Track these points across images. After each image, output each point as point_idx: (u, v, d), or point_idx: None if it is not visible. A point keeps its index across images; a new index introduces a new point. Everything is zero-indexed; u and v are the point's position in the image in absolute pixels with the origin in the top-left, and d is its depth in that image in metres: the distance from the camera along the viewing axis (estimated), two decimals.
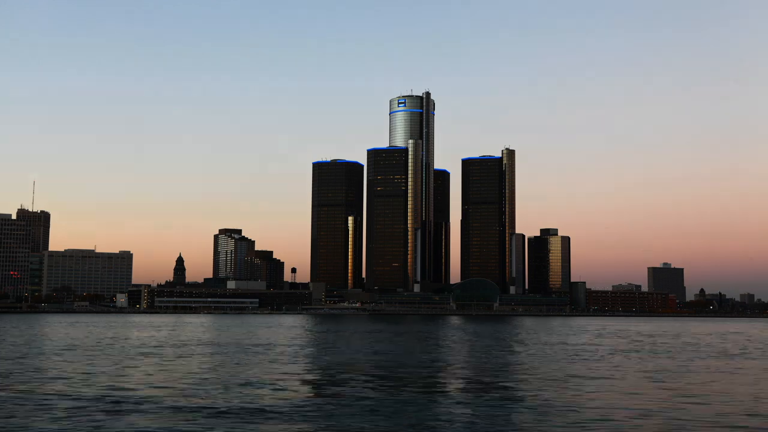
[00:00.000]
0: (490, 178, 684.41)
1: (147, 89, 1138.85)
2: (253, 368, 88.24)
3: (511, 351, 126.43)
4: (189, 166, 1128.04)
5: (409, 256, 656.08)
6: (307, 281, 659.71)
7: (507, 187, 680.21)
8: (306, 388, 69.68)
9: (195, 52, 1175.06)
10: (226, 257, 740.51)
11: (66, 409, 55.51)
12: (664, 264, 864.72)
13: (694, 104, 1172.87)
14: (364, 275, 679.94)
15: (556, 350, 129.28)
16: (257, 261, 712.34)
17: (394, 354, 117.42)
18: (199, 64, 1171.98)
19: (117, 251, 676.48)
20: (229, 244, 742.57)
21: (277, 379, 75.82)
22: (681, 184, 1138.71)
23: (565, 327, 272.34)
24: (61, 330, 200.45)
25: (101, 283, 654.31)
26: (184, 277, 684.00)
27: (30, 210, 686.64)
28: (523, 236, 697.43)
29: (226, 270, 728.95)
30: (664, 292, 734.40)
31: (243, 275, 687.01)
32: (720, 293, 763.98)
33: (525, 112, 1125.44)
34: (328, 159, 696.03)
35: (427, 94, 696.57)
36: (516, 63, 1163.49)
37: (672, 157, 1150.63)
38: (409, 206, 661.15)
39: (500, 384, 74.41)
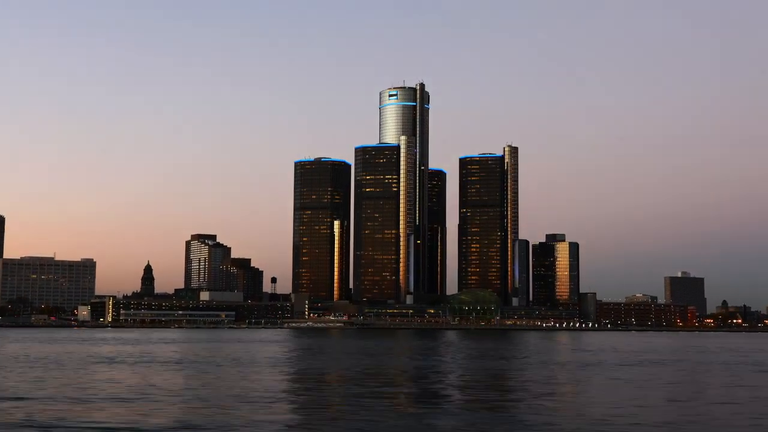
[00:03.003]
0: (491, 178, 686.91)
1: (112, 85, 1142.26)
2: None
3: None
4: (158, 165, 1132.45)
5: (401, 265, 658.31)
6: (288, 292, 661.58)
7: (509, 189, 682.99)
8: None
9: (164, 45, 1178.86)
10: (199, 265, 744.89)
11: None
12: (683, 273, 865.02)
13: (716, 102, 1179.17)
14: (351, 285, 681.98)
15: None
16: (233, 270, 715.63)
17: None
18: (168, 56, 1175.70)
19: (79, 259, 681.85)
20: (202, 251, 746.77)
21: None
22: (701, 186, 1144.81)
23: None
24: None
25: (61, 294, 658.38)
26: (153, 288, 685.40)
27: None
28: (527, 242, 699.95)
29: (199, 280, 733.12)
30: (682, 304, 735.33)
31: (218, 285, 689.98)
32: (744, 305, 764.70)
33: (529, 105, 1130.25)
34: (312, 157, 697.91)
35: (421, 85, 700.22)
36: (520, 51, 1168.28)
37: (692, 158, 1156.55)
38: (401, 209, 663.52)
39: None
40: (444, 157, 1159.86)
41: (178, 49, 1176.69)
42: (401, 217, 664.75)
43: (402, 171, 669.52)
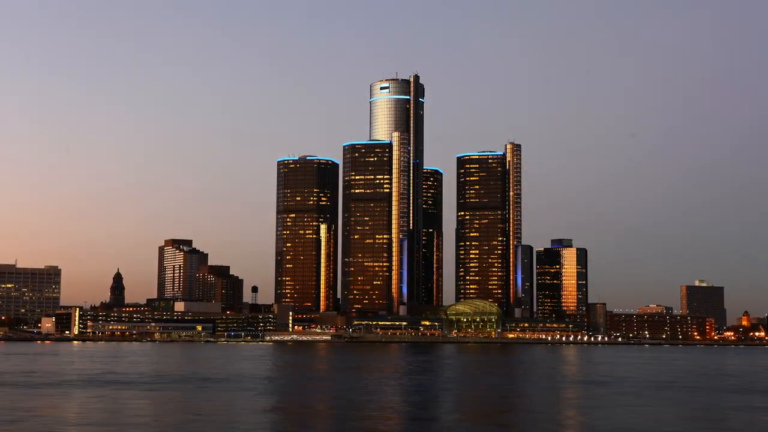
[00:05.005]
0: (491, 178, 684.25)
1: (81, 82, 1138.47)
2: None
3: None
4: (128, 164, 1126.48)
5: (393, 273, 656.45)
6: (270, 302, 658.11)
7: (511, 190, 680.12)
8: None
9: (138, 40, 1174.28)
10: (174, 273, 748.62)
11: None
12: (701, 282, 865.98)
13: (732, 94, 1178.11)
14: (339, 295, 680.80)
15: None
16: (211, 278, 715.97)
17: None
18: (143, 50, 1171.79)
19: (42, 266, 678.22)
20: (176, 258, 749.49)
21: None
22: (721, 187, 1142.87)
23: None
24: None
25: (23, 304, 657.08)
26: (123, 298, 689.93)
27: None
28: (531, 248, 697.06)
29: (173, 289, 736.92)
30: (700, 316, 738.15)
31: (194, 295, 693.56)
32: (767, 316, 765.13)
33: (533, 100, 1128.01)
34: (296, 156, 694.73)
35: (416, 77, 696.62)
36: (522, 41, 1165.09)
37: (709, 156, 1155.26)
38: (394, 212, 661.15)
39: None
40: (440, 155, 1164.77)
41: (153, 43, 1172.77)
42: (394, 221, 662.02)
43: (394, 170, 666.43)
